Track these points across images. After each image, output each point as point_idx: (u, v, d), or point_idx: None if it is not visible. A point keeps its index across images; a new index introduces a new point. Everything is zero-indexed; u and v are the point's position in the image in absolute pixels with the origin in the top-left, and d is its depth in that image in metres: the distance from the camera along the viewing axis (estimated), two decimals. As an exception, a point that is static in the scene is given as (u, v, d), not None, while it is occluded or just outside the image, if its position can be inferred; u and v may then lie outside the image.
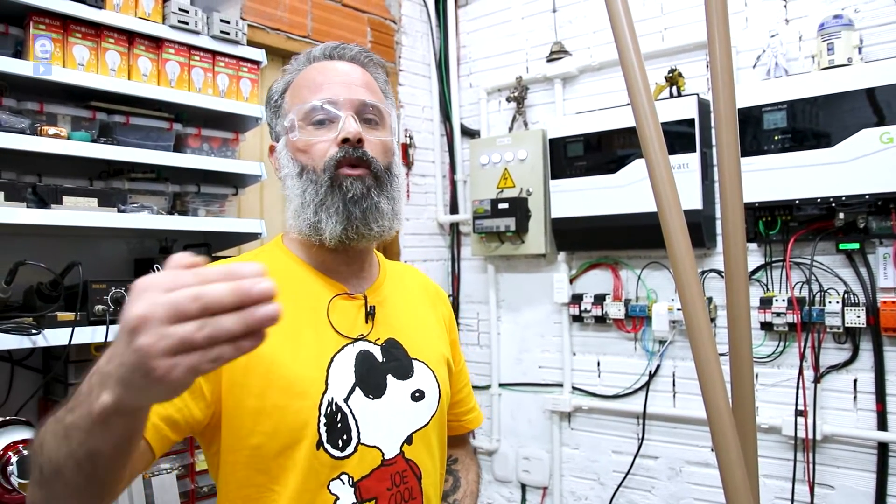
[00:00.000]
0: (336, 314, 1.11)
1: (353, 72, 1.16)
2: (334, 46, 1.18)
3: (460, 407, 1.36)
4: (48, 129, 1.75)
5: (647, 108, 1.29)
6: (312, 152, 1.10)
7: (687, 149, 2.60)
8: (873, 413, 2.36)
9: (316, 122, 1.11)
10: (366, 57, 1.20)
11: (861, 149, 2.23)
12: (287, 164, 1.13)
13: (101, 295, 1.76)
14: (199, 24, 2.03)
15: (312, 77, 1.14)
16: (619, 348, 2.96)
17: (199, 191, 2.12)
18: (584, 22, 3.07)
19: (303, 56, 1.19)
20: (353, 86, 1.13)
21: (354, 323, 1.13)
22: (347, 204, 1.07)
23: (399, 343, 1.16)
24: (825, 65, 2.34)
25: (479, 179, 3.22)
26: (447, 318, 1.34)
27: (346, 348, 1.10)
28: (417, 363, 1.17)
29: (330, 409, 1.04)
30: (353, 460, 1.04)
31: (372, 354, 1.12)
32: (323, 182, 1.08)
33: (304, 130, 1.11)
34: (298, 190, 1.10)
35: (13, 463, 1.55)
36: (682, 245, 1.26)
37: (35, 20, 1.76)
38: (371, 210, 1.08)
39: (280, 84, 1.20)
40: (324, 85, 1.12)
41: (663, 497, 2.83)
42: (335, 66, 1.16)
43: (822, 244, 2.41)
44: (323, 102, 1.10)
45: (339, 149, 1.08)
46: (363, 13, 3.20)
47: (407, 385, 1.14)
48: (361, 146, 1.09)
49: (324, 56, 1.18)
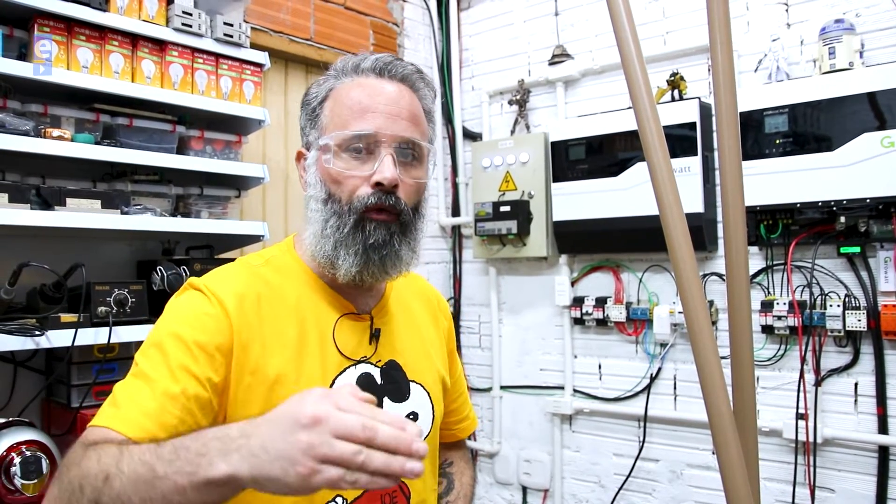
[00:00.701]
0: (342, 335, 1.10)
1: (402, 98, 1.08)
2: (386, 63, 1.10)
3: (453, 416, 1.37)
4: (52, 131, 1.76)
5: (648, 111, 1.30)
6: (344, 185, 1.05)
7: (688, 152, 2.60)
8: (874, 416, 2.36)
9: (353, 150, 1.05)
10: (418, 78, 1.12)
11: (862, 153, 2.23)
12: (314, 185, 1.08)
13: (104, 297, 1.77)
14: (202, 27, 2.04)
15: (357, 97, 1.07)
16: (621, 351, 2.96)
17: (201, 193, 2.12)
18: (586, 25, 3.08)
19: (350, 64, 1.11)
20: (399, 118, 1.06)
21: (359, 345, 1.11)
22: (368, 249, 1.04)
23: (399, 365, 1.16)
24: (826, 69, 2.34)
25: (481, 182, 3.22)
26: (446, 330, 1.34)
27: (349, 370, 1.09)
28: (415, 385, 1.17)
29: None
30: None
31: (372, 377, 1.11)
32: (347, 221, 1.04)
33: (339, 158, 1.05)
34: (321, 217, 1.06)
35: (16, 464, 1.55)
36: (684, 248, 1.27)
37: (40, 23, 1.76)
38: (390, 257, 1.06)
39: (321, 89, 1.12)
40: (368, 112, 1.05)
41: (664, 500, 2.83)
42: (384, 87, 1.08)
43: (823, 248, 2.41)
44: (364, 134, 1.04)
45: (372, 192, 1.03)
46: (366, 16, 3.20)
47: (402, 408, 1.14)
48: (395, 192, 1.04)
49: (373, 71, 1.10)
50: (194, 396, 0.93)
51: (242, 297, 1.03)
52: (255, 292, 1.05)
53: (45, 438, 1.65)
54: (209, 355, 0.96)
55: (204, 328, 0.98)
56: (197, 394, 0.93)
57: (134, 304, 1.82)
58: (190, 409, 0.93)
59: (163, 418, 0.90)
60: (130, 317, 1.80)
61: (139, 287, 1.86)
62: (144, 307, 1.85)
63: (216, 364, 0.97)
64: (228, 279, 1.06)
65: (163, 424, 0.89)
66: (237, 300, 1.02)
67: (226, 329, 0.99)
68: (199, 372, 0.95)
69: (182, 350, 0.95)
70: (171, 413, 0.91)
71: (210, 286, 1.03)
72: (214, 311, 1.00)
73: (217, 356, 0.97)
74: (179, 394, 0.92)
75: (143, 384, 0.94)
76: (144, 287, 1.87)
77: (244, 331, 1.00)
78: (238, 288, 1.04)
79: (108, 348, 1.80)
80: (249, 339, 1.00)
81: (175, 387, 0.92)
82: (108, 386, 1.83)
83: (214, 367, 0.96)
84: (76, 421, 1.77)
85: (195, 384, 0.94)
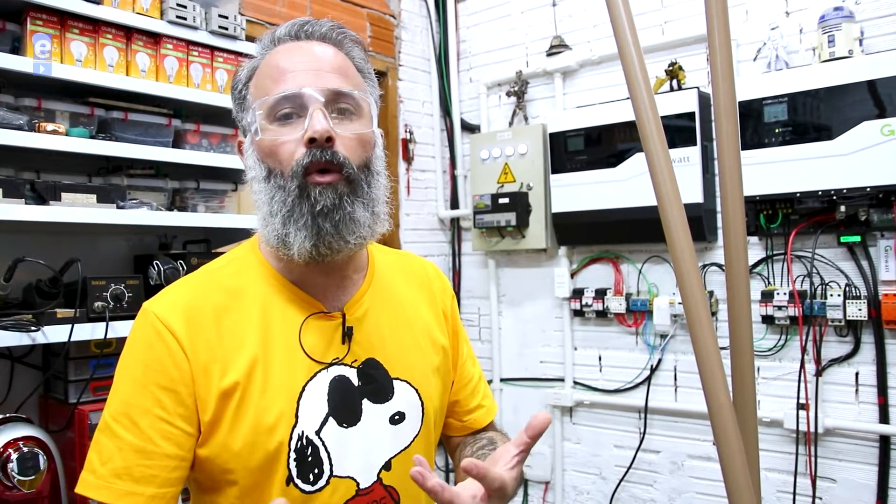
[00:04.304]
0: (309, 337, 1.01)
1: (324, 54, 1.00)
2: (301, 24, 1.03)
3: (460, 407, 1.24)
4: (46, 125, 1.75)
5: (646, 101, 1.28)
6: (279, 154, 0.96)
7: (687, 142, 2.59)
8: (875, 406, 2.35)
9: (281, 117, 0.97)
10: (338, 34, 1.04)
11: (862, 141, 2.22)
12: (254, 167, 1.00)
13: (100, 292, 1.76)
14: (197, 20, 2.03)
15: (276, 62, 0.99)
16: (621, 343, 2.95)
17: (198, 187, 2.12)
18: (584, 16, 3.06)
19: (266, 37, 1.04)
20: (323, 72, 0.98)
21: (329, 346, 1.02)
22: (317, 217, 0.94)
23: (379, 363, 1.06)
24: (826, 57, 2.33)
25: (480, 174, 3.21)
26: (448, 310, 1.23)
27: (319, 374, 1.00)
28: (399, 383, 1.07)
29: (300, 444, 0.97)
30: (324, 494, 0.98)
31: (347, 379, 1.02)
32: (290, 190, 0.95)
33: (268, 129, 0.97)
34: (266, 196, 0.98)
35: (13, 460, 1.55)
36: (683, 239, 1.26)
37: (32, 16, 1.75)
38: (344, 222, 0.95)
39: (244, 72, 1.05)
40: (288, 72, 0.97)
41: (665, 491, 2.83)
42: (302, 47, 1.01)
43: (823, 237, 2.40)
44: (287, 94, 0.96)
45: (307, 151, 0.94)
46: (362, 8, 3.19)
47: (385, 409, 1.05)
48: (331, 146, 0.95)
49: (289, 36, 1.02)
50: (167, 442, 0.94)
51: (195, 314, 0.98)
52: (210, 305, 1.00)
53: (43, 434, 1.65)
54: (172, 391, 0.95)
55: (161, 366, 0.95)
56: (170, 437, 0.94)
57: (130, 299, 1.81)
58: (166, 454, 0.94)
59: (137, 472, 0.93)
60: (127, 311, 1.79)
61: (135, 282, 1.85)
62: (141, 302, 1.83)
63: (181, 397, 0.95)
64: (179, 298, 1.00)
65: (140, 478, 0.92)
66: (187, 322, 0.97)
67: (181, 360, 0.96)
68: (169, 413, 0.94)
69: (146, 398, 0.95)
70: (146, 466, 0.93)
71: (160, 313, 0.98)
72: (165, 343, 0.96)
73: (180, 389, 0.95)
74: (154, 449, 0.93)
75: (110, 443, 0.95)
76: (141, 282, 1.86)
77: (201, 353, 0.96)
78: (191, 304, 0.99)
79: (105, 343, 1.79)
80: (209, 360, 0.96)
81: (148, 444, 0.93)
82: (105, 381, 1.84)
83: (180, 400, 0.95)
84: (73, 416, 1.76)
85: (166, 428, 0.94)
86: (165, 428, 0.94)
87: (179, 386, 0.95)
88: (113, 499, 0.91)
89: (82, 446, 1.72)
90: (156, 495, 0.93)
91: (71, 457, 1.74)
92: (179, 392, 0.94)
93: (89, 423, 1.72)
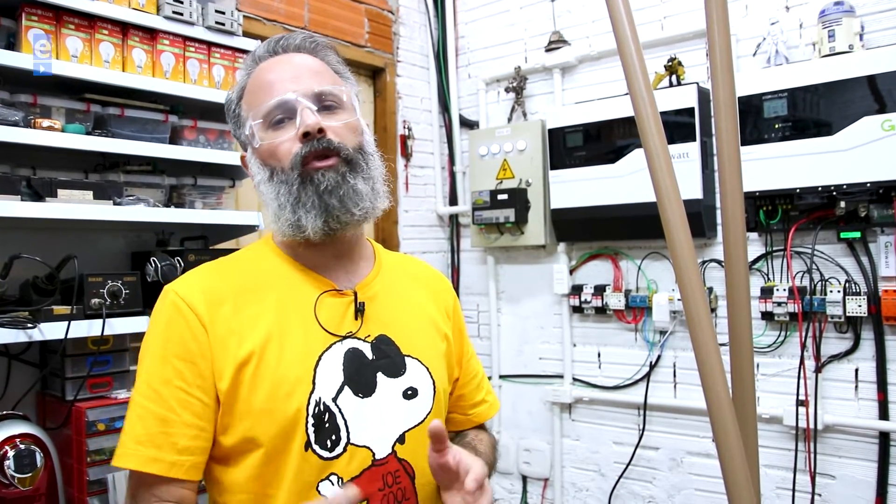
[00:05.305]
0: (324, 311, 1.09)
1: (303, 62, 1.13)
2: (276, 40, 1.15)
3: (464, 401, 1.31)
4: (42, 121, 1.74)
5: (645, 97, 1.28)
6: (278, 154, 1.07)
7: (687, 138, 2.58)
8: (875, 402, 2.35)
9: (275, 123, 1.08)
10: (311, 43, 1.16)
11: (862, 136, 2.21)
12: (258, 172, 1.11)
13: (97, 288, 1.76)
14: (193, 15, 2.02)
15: (262, 77, 1.12)
16: (620, 339, 2.95)
17: (195, 183, 2.10)
18: (583, 11, 3.05)
19: (249, 58, 1.17)
20: (304, 77, 1.10)
21: (343, 320, 1.10)
22: (322, 196, 1.04)
23: (391, 339, 1.13)
24: (826, 52, 2.32)
25: (479, 170, 3.21)
26: (451, 309, 1.30)
27: (335, 346, 1.07)
28: (410, 360, 1.14)
29: (318, 409, 1.02)
30: (342, 461, 1.03)
31: (361, 352, 1.09)
32: (293, 180, 1.05)
33: (265, 135, 1.09)
34: (272, 193, 1.08)
35: (10, 457, 1.55)
36: (682, 235, 1.25)
37: (27, 11, 1.74)
38: (348, 195, 1.06)
39: (234, 92, 1.17)
40: (274, 84, 1.09)
41: (664, 488, 2.83)
42: (282, 60, 1.13)
43: (823, 233, 2.40)
44: (276, 101, 1.07)
45: (303, 144, 1.05)
46: (360, 4, 3.17)
47: (398, 383, 1.11)
48: (324, 135, 1.06)
49: (269, 53, 1.15)
50: (186, 411, 1.01)
51: (214, 293, 1.07)
52: (228, 286, 1.08)
53: (40, 432, 1.65)
54: (191, 363, 1.02)
55: (181, 339, 1.03)
56: (188, 407, 1.01)
57: (128, 296, 1.81)
58: (185, 422, 1.01)
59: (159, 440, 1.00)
60: (124, 308, 1.78)
61: (133, 278, 1.84)
62: (138, 299, 1.83)
63: (199, 369, 1.02)
64: (198, 279, 1.10)
65: (161, 444, 1.00)
66: (206, 299, 1.05)
67: (199, 333, 1.03)
68: (188, 383, 1.02)
69: (167, 369, 1.02)
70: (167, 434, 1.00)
71: (179, 291, 1.07)
72: (185, 317, 1.04)
73: (199, 361, 1.02)
74: (174, 418, 1.00)
75: (134, 413, 1.03)
76: (138, 278, 1.86)
77: (219, 326, 1.04)
78: (209, 285, 1.08)
79: (103, 340, 1.78)
80: (226, 332, 1.03)
81: (170, 412, 1.01)
82: (103, 378, 1.83)
83: (199, 372, 1.02)
84: (70, 414, 1.76)
85: (185, 398, 1.01)
86: (184, 398, 1.01)
87: (198, 358, 1.02)
88: (140, 465, 0.99)
89: (79, 443, 1.71)
90: (175, 462, 0.99)
91: (68, 454, 1.73)
92: (198, 364, 1.02)
93: (86, 420, 1.71)
